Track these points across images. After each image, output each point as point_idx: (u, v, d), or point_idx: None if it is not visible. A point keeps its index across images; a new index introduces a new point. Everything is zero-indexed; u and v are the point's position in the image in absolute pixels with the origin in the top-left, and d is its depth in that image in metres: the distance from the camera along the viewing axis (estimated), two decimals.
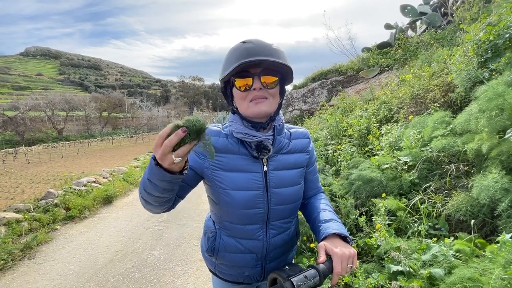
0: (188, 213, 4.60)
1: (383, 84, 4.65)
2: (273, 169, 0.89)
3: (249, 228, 0.90)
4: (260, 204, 0.88)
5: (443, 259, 1.39)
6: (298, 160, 0.95)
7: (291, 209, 0.96)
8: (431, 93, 2.79)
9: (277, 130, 0.91)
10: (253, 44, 0.79)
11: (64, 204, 4.20)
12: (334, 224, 0.84)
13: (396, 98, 3.48)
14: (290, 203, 0.94)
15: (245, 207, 0.87)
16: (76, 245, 3.47)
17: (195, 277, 2.72)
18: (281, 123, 0.93)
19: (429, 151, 2.13)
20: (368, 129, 3.31)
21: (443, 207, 1.69)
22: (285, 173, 0.91)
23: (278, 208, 0.91)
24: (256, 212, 0.88)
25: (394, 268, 1.40)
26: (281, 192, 0.90)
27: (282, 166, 0.91)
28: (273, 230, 0.93)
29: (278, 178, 0.89)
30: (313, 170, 1.04)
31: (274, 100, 0.85)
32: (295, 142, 0.96)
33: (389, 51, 6.41)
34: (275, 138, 0.90)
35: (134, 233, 3.82)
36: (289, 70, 0.84)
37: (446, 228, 1.78)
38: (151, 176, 0.69)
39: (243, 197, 0.86)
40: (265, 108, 0.82)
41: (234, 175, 0.86)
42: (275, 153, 0.90)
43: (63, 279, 2.72)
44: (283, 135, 0.93)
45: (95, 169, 7.97)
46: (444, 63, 3.00)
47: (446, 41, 4.13)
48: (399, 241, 1.62)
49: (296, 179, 0.94)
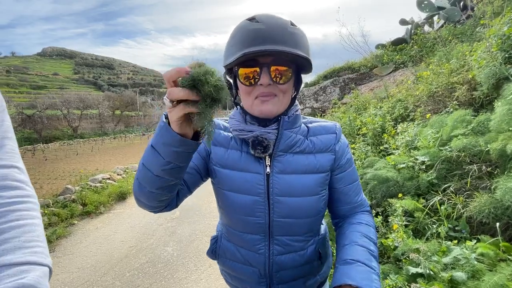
0: (199, 210, 4.65)
1: (398, 82, 4.54)
2: (279, 172, 0.72)
3: (248, 237, 0.77)
4: (259, 213, 0.74)
5: (465, 262, 1.35)
6: (318, 162, 0.73)
7: (305, 226, 0.76)
8: (450, 91, 2.70)
9: (284, 122, 0.71)
10: (263, 25, 0.62)
11: (81, 200, 4.34)
12: (356, 270, 0.60)
13: (413, 96, 3.39)
14: (302, 217, 0.74)
15: (243, 213, 0.75)
16: (93, 239, 3.57)
17: (207, 274, 2.75)
18: (293, 115, 0.73)
19: (448, 151, 2.07)
20: (383, 127, 3.24)
21: (465, 209, 1.64)
22: (295, 178, 0.72)
23: (283, 221, 0.74)
24: (255, 221, 0.74)
25: (413, 270, 1.37)
26: (287, 201, 0.72)
27: (291, 169, 0.72)
28: (278, 246, 0.76)
29: (285, 183, 0.72)
30: (346, 177, 0.78)
31: (285, 97, 0.69)
32: (314, 139, 0.75)
33: (404, 47, 6.24)
34: (280, 132, 0.71)
35: (147, 229, 3.89)
36: None
37: (467, 231, 1.72)
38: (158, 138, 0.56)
39: (240, 201, 0.74)
40: (272, 108, 0.68)
41: (231, 174, 0.75)
42: (282, 152, 0.72)
43: (81, 272, 2.81)
44: (296, 130, 0.74)
45: (108, 166, 8.18)
46: (464, 59, 2.89)
47: (465, 37, 3.98)
48: (418, 243, 1.58)
49: (312, 187, 0.73)
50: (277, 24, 0.63)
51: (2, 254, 0.38)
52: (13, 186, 0.45)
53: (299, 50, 0.63)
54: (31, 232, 0.43)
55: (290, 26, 0.64)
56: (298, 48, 0.63)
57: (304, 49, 0.65)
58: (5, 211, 0.42)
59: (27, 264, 0.40)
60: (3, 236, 0.40)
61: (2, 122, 0.48)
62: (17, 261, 0.39)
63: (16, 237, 0.41)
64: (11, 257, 0.39)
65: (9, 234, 0.40)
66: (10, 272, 0.37)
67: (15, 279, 0.37)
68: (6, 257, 0.38)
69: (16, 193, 0.45)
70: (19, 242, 0.41)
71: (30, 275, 0.39)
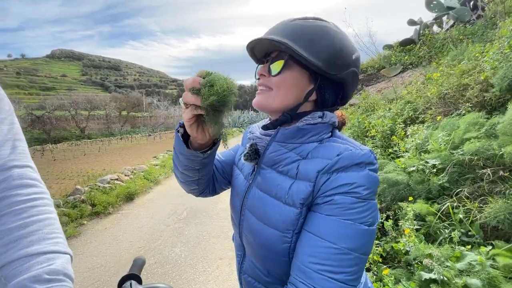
0: (206, 211, 4.67)
1: (406, 83, 4.49)
2: (256, 185, 0.65)
3: (236, 239, 0.76)
4: (235, 219, 0.72)
5: (479, 269, 1.33)
6: (291, 190, 0.56)
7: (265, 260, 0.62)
8: (461, 93, 2.66)
9: (279, 132, 0.62)
10: (278, 23, 0.62)
11: (90, 200, 4.40)
12: None
13: (422, 97, 3.35)
14: (261, 247, 0.62)
15: (232, 211, 0.74)
16: (102, 240, 3.62)
17: (215, 275, 2.76)
18: (302, 126, 0.60)
19: (460, 154, 2.04)
20: (392, 130, 3.21)
21: (480, 214, 1.61)
22: (265, 199, 0.61)
23: (249, 239, 0.66)
24: (234, 225, 0.73)
25: (426, 275, 1.36)
26: (251, 220, 0.64)
27: (265, 187, 0.62)
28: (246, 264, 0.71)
29: (255, 200, 0.64)
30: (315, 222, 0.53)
31: (281, 91, 0.59)
32: (304, 163, 0.57)
33: (413, 48, 6.17)
34: (269, 142, 0.64)
35: (155, 230, 3.93)
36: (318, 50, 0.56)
37: (480, 236, 1.70)
38: (175, 144, 0.66)
39: (232, 200, 0.74)
40: (261, 100, 0.62)
41: (236, 172, 0.76)
42: (265, 165, 0.64)
43: (91, 272, 2.85)
44: (291, 146, 0.61)
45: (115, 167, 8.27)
46: (476, 60, 2.85)
47: (476, 37, 3.92)
48: (430, 248, 1.56)
49: (277, 219, 0.57)
50: (287, 20, 0.61)
51: (29, 245, 0.44)
52: (29, 184, 0.49)
53: (285, 38, 0.55)
54: (51, 225, 0.48)
55: (296, 21, 0.59)
56: (286, 37, 0.56)
57: (299, 40, 0.55)
58: (26, 207, 0.46)
59: (53, 253, 0.45)
60: (28, 229, 0.45)
61: (12, 125, 0.52)
62: (44, 250, 0.44)
63: (39, 229, 0.46)
64: (38, 247, 0.44)
65: (32, 227, 0.45)
66: (39, 260, 0.43)
67: (45, 265, 0.43)
68: (33, 247, 0.44)
69: (33, 190, 0.49)
70: (43, 234, 0.46)
71: (57, 262, 0.44)
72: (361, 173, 0.52)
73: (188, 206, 4.89)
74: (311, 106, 0.64)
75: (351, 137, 4.19)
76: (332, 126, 0.64)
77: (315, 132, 0.61)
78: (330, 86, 0.62)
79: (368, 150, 0.55)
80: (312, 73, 0.59)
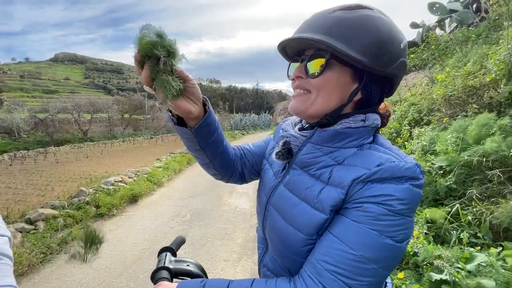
0: (209, 213, 4.67)
1: (410, 85, 4.50)
2: (285, 184, 0.63)
3: (259, 232, 0.76)
4: (259, 214, 0.72)
5: (490, 269, 1.32)
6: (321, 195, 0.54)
7: (287, 258, 0.61)
8: (467, 94, 2.66)
9: (315, 134, 0.58)
10: (311, 16, 0.57)
11: (94, 202, 4.41)
12: None
13: (427, 99, 3.35)
14: (283, 246, 0.60)
15: (258, 203, 0.75)
16: (107, 241, 3.62)
17: (220, 277, 2.75)
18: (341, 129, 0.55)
19: (467, 155, 2.03)
20: (398, 131, 3.20)
21: (491, 215, 1.60)
22: (291, 199, 0.60)
23: (271, 236, 0.65)
24: (259, 219, 0.73)
25: (436, 276, 1.35)
26: (275, 218, 0.63)
27: (294, 188, 0.60)
28: (267, 258, 0.70)
29: (281, 198, 0.63)
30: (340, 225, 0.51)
31: (322, 94, 0.55)
32: (339, 169, 0.54)
33: (416, 50, 6.19)
34: (303, 143, 0.60)
35: (159, 231, 3.93)
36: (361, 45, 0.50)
37: (489, 237, 1.69)
38: None
39: (259, 195, 0.74)
40: (296, 105, 0.58)
41: (266, 166, 0.75)
42: (296, 166, 0.62)
43: (96, 273, 2.85)
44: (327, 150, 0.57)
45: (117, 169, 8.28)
46: (481, 62, 2.85)
47: (481, 39, 3.92)
48: (439, 249, 1.55)
49: (303, 222, 0.55)
50: (323, 11, 0.55)
51: None
52: None
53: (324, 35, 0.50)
54: None
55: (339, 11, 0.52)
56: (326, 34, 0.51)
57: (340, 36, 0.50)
58: None
59: None
60: None
61: None
62: None
63: None
64: None
65: None
66: None
67: None
68: None
69: None
70: None
71: None
72: (400, 186, 0.48)
73: (192, 208, 4.89)
74: (353, 106, 0.58)
75: None
76: (374, 130, 0.59)
77: (355, 136, 0.56)
78: (376, 82, 0.56)
79: (414, 163, 0.50)
80: (357, 71, 0.54)
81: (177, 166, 8.05)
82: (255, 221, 4.53)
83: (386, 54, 0.52)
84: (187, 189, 6.24)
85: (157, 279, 0.64)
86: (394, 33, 0.54)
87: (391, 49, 0.53)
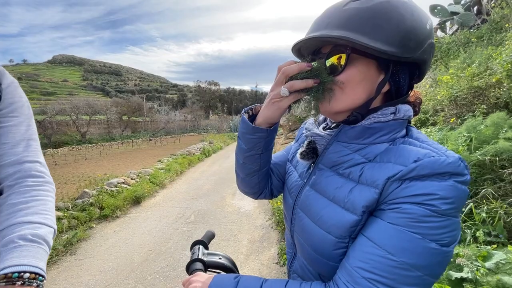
0: (213, 215, 4.66)
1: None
2: (312, 185, 0.60)
3: (287, 236, 0.74)
4: (287, 218, 0.69)
5: (510, 267, 1.33)
6: (352, 195, 0.51)
7: (317, 262, 0.57)
8: (474, 95, 2.68)
9: (341, 131, 0.55)
10: (323, 12, 0.54)
11: (98, 203, 4.38)
12: None
13: (432, 100, 3.38)
14: (313, 250, 0.57)
15: (284, 207, 0.73)
16: (112, 243, 3.59)
17: None
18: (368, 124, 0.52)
19: (478, 155, 2.05)
20: None
21: (506, 214, 1.61)
22: (320, 200, 0.56)
23: (300, 240, 0.62)
24: (287, 223, 0.70)
25: (456, 274, 1.35)
26: (303, 220, 0.60)
27: (322, 188, 0.57)
28: (297, 263, 0.68)
29: (308, 200, 0.59)
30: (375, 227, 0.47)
31: (347, 91, 0.52)
32: (370, 166, 0.50)
33: None
34: (330, 141, 0.57)
35: (164, 233, 3.90)
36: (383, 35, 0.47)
37: (504, 235, 1.70)
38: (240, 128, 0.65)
39: (285, 198, 0.72)
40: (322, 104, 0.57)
41: (290, 169, 0.73)
42: (323, 165, 0.59)
43: (104, 275, 2.82)
44: (355, 147, 0.54)
45: (117, 171, 8.23)
46: (487, 63, 2.88)
47: (484, 41, 3.97)
48: (456, 248, 1.56)
49: (333, 224, 0.52)
50: (334, 5, 0.53)
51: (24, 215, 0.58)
52: (36, 175, 0.65)
53: (342, 30, 0.48)
54: (45, 205, 0.63)
55: (353, 2, 0.49)
56: (343, 28, 0.48)
57: (360, 28, 0.47)
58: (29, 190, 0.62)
59: (40, 223, 0.59)
60: (27, 205, 0.60)
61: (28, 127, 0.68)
62: (34, 220, 0.58)
63: (35, 206, 0.61)
64: (31, 218, 0.58)
65: (30, 204, 0.60)
66: (29, 226, 0.57)
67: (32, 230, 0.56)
68: (27, 218, 0.58)
69: (38, 180, 0.65)
70: (37, 210, 0.60)
71: (41, 230, 0.58)
72: (443, 184, 0.43)
73: (195, 209, 4.87)
74: (381, 99, 0.55)
75: None
76: (406, 122, 0.54)
77: (386, 131, 0.52)
78: (404, 70, 0.53)
79: (457, 157, 0.44)
80: (382, 61, 0.50)
81: (178, 168, 8.03)
82: (260, 222, 4.53)
83: (413, 40, 0.48)
84: (190, 191, 6.22)
85: (192, 270, 0.67)
86: (418, 16, 0.50)
87: (419, 33, 0.49)
